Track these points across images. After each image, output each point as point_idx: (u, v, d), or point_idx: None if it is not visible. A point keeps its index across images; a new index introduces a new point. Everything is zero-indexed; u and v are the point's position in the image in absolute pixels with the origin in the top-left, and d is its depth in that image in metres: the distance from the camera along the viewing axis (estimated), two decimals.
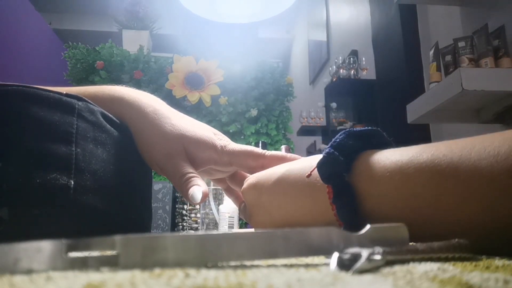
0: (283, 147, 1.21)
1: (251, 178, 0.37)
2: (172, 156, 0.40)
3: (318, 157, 0.30)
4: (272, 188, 0.34)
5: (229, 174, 0.46)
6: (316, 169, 0.29)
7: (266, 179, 0.35)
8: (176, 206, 1.08)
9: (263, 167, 0.40)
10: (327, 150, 0.28)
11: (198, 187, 0.38)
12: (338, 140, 0.29)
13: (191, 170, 0.40)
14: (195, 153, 0.41)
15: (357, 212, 0.27)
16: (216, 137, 0.43)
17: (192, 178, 0.39)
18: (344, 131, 0.30)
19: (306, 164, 0.33)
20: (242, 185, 0.46)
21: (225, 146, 0.42)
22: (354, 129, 0.30)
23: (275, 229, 0.33)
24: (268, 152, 0.41)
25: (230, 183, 0.47)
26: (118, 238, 0.16)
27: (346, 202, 0.27)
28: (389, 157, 0.27)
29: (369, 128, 0.30)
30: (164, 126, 0.41)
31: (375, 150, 0.29)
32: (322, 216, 0.30)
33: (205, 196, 0.38)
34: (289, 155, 0.41)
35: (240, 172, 0.46)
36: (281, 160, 0.40)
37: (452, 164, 0.23)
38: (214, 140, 0.42)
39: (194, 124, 0.43)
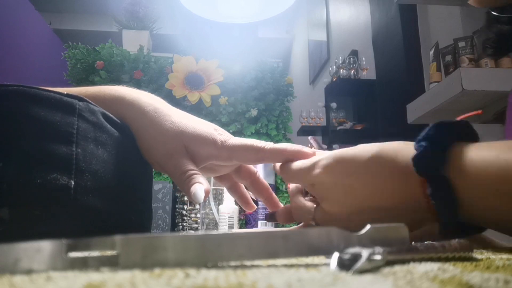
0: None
1: (324, 160, 0.36)
2: (173, 154, 0.40)
3: (403, 144, 0.33)
4: (357, 170, 0.34)
5: (233, 168, 0.46)
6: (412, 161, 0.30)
7: (348, 161, 0.35)
8: (176, 206, 1.08)
9: (263, 161, 0.41)
10: (422, 144, 0.30)
11: (200, 185, 0.38)
12: (430, 132, 0.30)
13: (192, 167, 0.40)
14: (195, 150, 0.41)
15: (455, 205, 0.29)
16: (216, 132, 0.42)
17: (194, 176, 0.39)
18: (434, 124, 0.31)
19: (396, 146, 0.34)
20: (249, 178, 0.46)
21: (225, 141, 0.41)
22: (444, 120, 0.31)
23: (348, 214, 0.35)
24: (268, 146, 0.41)
25: (236, 177, 0.47)
26: (118, 238, 0.16)
27: (445, 196, 0.29)
28: (486, 154, 0.29)
29: (459, 120, 0.32)
30: (164, 124, 0.41)
31: (466, 143, 0.31)
32: (411, 200, 0.31)
33: (207, 193, 0.38)
34: (289, 148, 0.40)
35: (245, 166, 0.46)
36: (281, 153, 0.40)
37: None
38: (214, 136, 0.42)
39: (194, 120, 0.43)
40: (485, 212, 0.29)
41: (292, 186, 0.44)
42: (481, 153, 0.29)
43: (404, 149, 0.33)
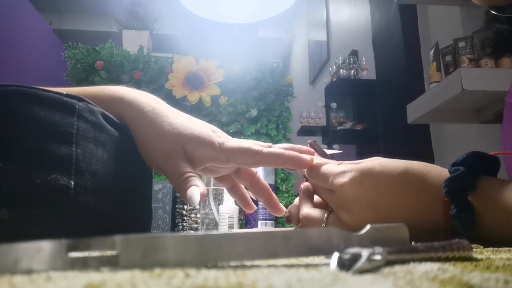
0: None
1: (352, 172, 0.37)
2: (170, 155, 0.40)
3: (429, 165, 0.36)
4: (384, 186, 0.35)
5: (233, 169, 0.46)
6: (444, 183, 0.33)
7: (376, 176, 0.36)
8: (176, 206, 1.08)
9: (260, 164, 0.41)
10: (459, 168, 0.33)
11: (196, 188, 0.37)
12: (468, 160, 0.34)
13: (189, 170, 0.39)
14: (193, 152, 0.41)
15: (473, 229, 0.32)
16: (214, 134, 0.42)
17: (190, 178, 0.38)
18: (472, 152, 0.34)
19: (423, 166, 0.36)
20: (249, 179, 0.46)
21: (222, 144, 0.41)
22: (480, 152, 0.35)
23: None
24: (265, 149, 0.40)
25: (236, 178, 0.47)
26: (118, 238, 0.16)
27: (466, 219, 0.32)
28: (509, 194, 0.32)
29: (492, 155, 0.35)
30: (162, 125, 0.41)
31: (495, 178, 0.34)
32: (430, 219, 0.34)
33: (203, 196, 0.37)
34: (286, 153, 0.40)
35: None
36: (278, 157, 0.40)
37: None
38: (212, 138, 0.42)
39: (192, 122, 0.43)
40: (497, 236, 0.32)
41: (302, 191, 0.44)
42: (507, 190, 0.32)
43: (432, 170, 0.35)
